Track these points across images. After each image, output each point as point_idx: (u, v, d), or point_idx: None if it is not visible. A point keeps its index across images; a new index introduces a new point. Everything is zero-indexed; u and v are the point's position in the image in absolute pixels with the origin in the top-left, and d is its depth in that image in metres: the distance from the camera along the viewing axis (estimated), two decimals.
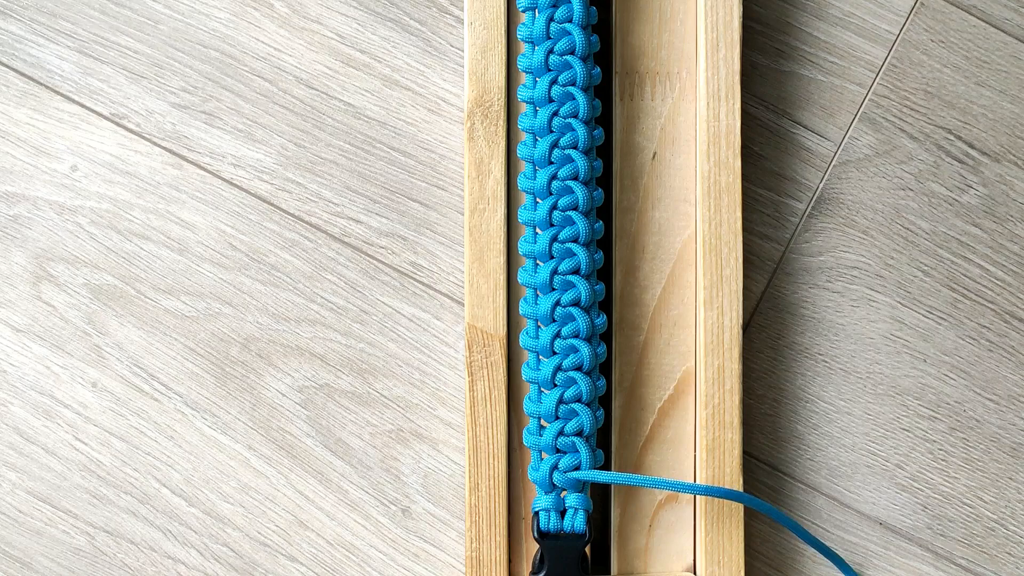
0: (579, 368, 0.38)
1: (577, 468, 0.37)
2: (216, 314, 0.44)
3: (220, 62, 0.44)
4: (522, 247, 0.39)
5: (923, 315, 0.44)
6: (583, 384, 0.37)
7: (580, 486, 0.38)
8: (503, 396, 0.40)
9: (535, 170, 0.38)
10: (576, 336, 0.38)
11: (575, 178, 0.37)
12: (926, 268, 0.44)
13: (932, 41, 0.44)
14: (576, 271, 0.38)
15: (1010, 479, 0.44)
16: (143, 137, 0.44)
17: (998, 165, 0.44)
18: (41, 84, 0.44)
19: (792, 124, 0.44)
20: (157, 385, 0.44)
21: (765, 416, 0.44)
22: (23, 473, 0.43)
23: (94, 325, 0.44)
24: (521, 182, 0.39)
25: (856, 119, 0.44)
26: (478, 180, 0.40)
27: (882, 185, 0.44)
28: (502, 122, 0.40)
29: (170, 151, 0.44)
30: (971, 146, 0.44)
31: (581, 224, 0.37)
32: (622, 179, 0.41)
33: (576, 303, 0.38)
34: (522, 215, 0.39)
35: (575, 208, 0.37)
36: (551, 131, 0.38)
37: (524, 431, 0.39)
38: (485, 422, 0.40)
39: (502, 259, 0.40)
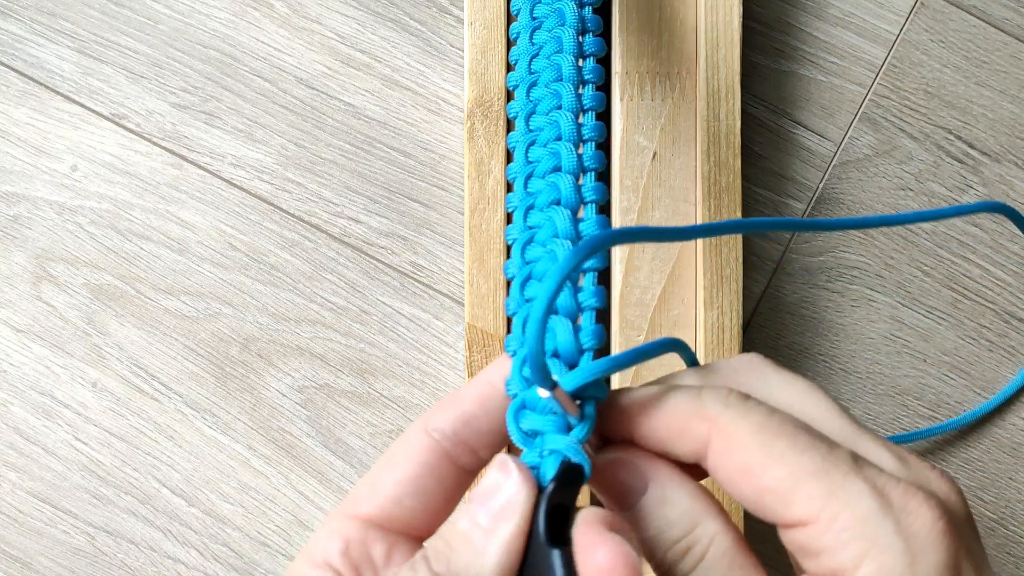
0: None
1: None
2: (216, 314, 0.44)
3: (220, 62, 0.44)
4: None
5: (923, 315, 0.44)
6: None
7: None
8: None
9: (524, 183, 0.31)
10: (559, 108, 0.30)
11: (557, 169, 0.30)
12: (926, 268, 0.44)
13: (932, 41, 0.44)
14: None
15: (1010, 479, 0.44)
16: (143, 137, 0.44)
17: (998, 165, 0.44)
18: (41, 84, 0.44)
19: (792, 124, 0.44)
20: (157, 385, 0.44)
21: None
22: (23, 473, 0.43)
23: (94, 325, 0.44)
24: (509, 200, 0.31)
25: (856, 119, 0.44)
26: (478, 180, 0.40)
27: (882, 185, 0.44)
28: (502, 122, 0.40)
29: (170, 151, 0.44)
30: (971, 146, 0.44)
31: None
32: (622, 179, 0.41)
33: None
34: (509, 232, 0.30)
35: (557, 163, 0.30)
36: (529, 130, 0.32)
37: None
38: None
39: (502, 259, 0.40)
